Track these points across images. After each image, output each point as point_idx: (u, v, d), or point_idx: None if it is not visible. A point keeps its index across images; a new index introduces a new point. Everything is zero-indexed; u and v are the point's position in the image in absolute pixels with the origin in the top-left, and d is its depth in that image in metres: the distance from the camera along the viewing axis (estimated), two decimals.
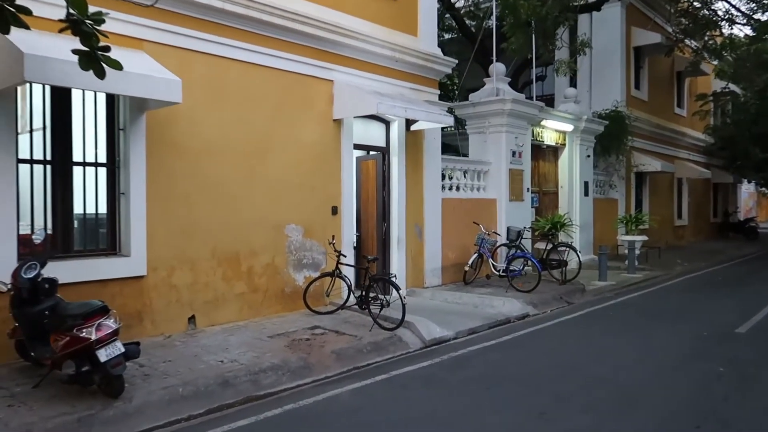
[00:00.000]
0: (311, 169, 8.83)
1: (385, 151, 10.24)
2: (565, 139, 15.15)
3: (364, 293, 7.78)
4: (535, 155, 14.33)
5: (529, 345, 7.15)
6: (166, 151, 7.12)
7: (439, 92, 11.06)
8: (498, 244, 11.33)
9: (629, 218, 15.17)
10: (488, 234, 11.21)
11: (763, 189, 34.80)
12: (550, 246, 11.92)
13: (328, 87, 9.05)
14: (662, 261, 16.31)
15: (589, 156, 15.82)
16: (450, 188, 11.86)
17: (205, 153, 7.53)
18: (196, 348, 6.55)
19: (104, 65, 4.74)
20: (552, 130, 14.56)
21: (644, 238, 15.18)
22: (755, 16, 17.26)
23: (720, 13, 17.41)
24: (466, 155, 13.04)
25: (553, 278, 11.72)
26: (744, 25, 17.38)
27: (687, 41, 18.73)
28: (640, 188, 19.81)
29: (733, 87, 23.84)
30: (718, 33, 18.78)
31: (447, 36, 19.06)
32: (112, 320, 4.85)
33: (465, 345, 7.25)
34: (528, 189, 13.56)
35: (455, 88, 17.43)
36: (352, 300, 8.30)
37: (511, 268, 10.68)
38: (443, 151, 11.15)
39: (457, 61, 11.24)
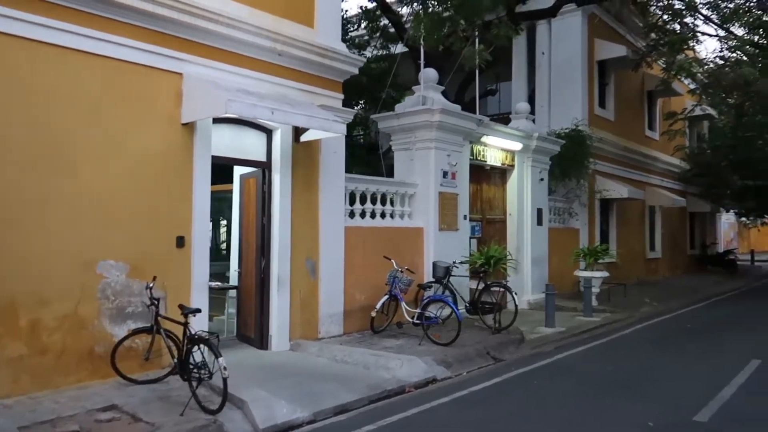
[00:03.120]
0: (148, 187, 6.72)
1: (265, 167, 8.17)
2: (513, 160, 13.20)
3: (184, 358, 5.60)
4: (477, 177, 12.36)
5: None
6: None
7: (342, 96, 9.06)
8: (413, 283, 9.20)
9: (587, 251, 13.16)
10: (401, 271, 9.10)
11: (744, 219, 33.19)
12: (482, 285, 9.83)
13: (176, 82, 6.99)
14: (628, 300, 14.27)
15: (542, 179, 13.86)
16: (362, 215, 9.79)
17: None
18: None
19: None
20: (497, 148, 12.60)
21: (604, 273, 13.16)
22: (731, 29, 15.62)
23: (691, 25, 15.73)
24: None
25: (485, 325, 9.62)
26: (715, 37, 15.71)
27: (655, 56, 17.05)
28: (606, 217, 17.88)
29: (709, 110, 22.28)
30: (688, 48, 17.13)
31: (393, 48, 17.07)
32: None
33: None
34: (465, 216, 11.52)
35: None
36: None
37: (427, 314, 8.55)
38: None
39: (365, 60, 9.27)
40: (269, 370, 7.09)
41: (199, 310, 5.75)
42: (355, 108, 15.69)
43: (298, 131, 8.27)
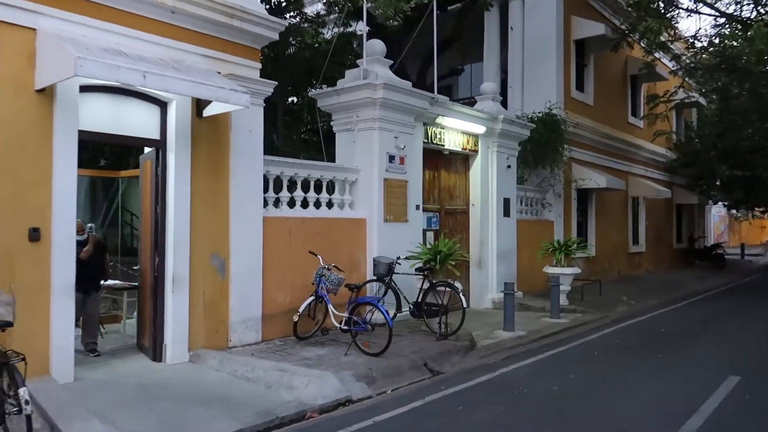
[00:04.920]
0: None
1: (159, 146, 6.91)
2: (477, 145, 11.96)
3: None
4: (433, 163, 11.12)
5: None
6: None
7: (260, 65, 7.78)
8: (343, 282, 7.92)
9: (558, 245, 11.95)
10: (328, 268, 7.86)
11: (734, 212, 32.18)
12: (427, 285, 8.60)
13: (28, 39, 5.71)
14: (603, 299, 13.10)
15: (510, 167, 12.62)
16: (291, 203, 8.56)
17: None
18: None
19: None
20: (457, 131, 11.35)
21: (576, 270, 11.97)
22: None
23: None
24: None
25: (431, 331, 8.41)
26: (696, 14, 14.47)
27: (636, 36, 15.80)
28: (584, 208, 16.68)
29: (695, 96, 21.12)
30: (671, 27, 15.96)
31: (354, 26, 15.61)
32: None
33: None
34: (418, 206, 10.29)
35: None
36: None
37: (356, 318, 7.33)
38: None
39: (287, 23, 8.00)
40: (147, 389, 5.85)
41: (9, 324, 4.48)
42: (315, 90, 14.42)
43: (200, 104, 7.00)
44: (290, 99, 15.53)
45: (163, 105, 6.89)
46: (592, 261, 16.35)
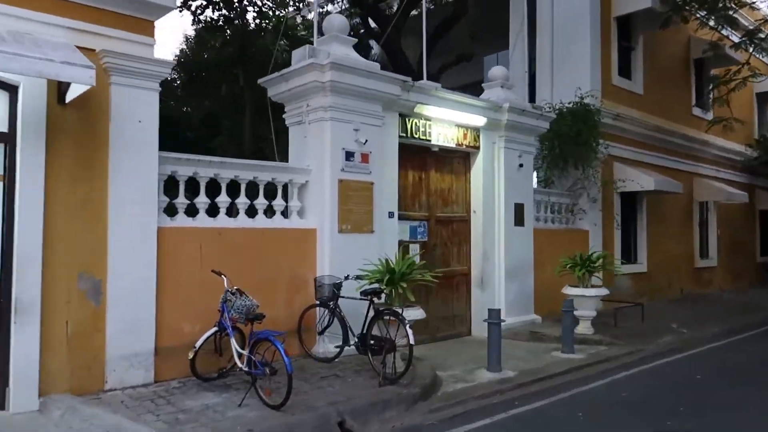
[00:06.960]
0: None
1: (8, 141, 5.59)
2: (478, 140, 10.00)
3: None
4: (420, 162, 9.32)
5: None
6: None
7: (154, 41, 6.34)
8: (253, 309, 6.24)
9: (579, 260, 9.72)
10: (232, 292, 6.23)
11: None
12: (372, 313, 6.79)
13: None
14: (645, 325, 10.70)
15: (522, 165, 10.51)
16: (214, 211, 7.06)
17: None
18: None
19: None
20: (449, 123, 9.46)
21: (602, 291, 9.69)
22: None
23: None
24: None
25: (376, 371, 6.59)
26: None
27: (694, 9, 13.19)
28: (633, 215, 14.14)
29: None
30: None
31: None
32: None
33: None
34: (392, 214, 8.52)
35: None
36: None
37: (255, 359, 5.66)
38: None
39: None
40: None
41: None
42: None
43: (61, 88, 5.64)
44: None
45: (13, 90, 5.58)
46: (645, 278, 13.88)
